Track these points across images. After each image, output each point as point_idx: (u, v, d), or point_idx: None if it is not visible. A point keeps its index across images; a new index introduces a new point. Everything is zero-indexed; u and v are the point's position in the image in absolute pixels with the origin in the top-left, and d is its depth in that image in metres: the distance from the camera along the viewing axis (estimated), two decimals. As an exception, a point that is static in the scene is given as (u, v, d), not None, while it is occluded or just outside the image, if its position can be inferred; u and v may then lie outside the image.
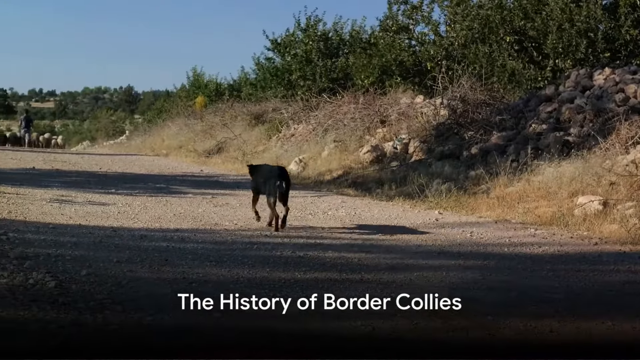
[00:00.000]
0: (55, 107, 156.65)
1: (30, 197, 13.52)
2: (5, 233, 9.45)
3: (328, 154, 21.02)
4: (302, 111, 26.40)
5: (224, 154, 27.24)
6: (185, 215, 12.15)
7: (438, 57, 23.05)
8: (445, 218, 12.48)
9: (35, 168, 20.83)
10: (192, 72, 45.13)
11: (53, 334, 5.48)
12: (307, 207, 13.55)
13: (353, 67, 26.80)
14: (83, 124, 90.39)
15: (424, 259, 9.10)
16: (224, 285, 7.41)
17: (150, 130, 42.51)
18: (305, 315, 6.39)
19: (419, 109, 21.18)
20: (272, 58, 33.09)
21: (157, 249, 9.21)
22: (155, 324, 5.95)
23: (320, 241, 10.12)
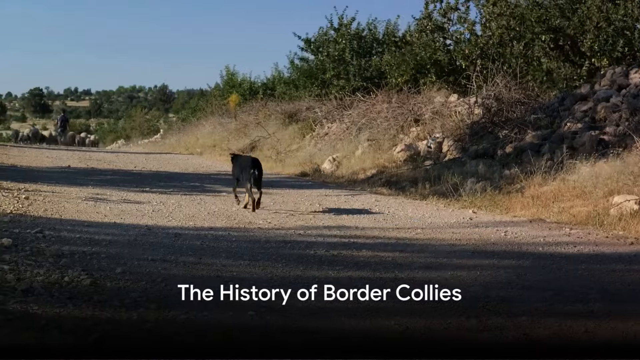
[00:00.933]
0: (91, 106, 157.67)
1: (66, 195, 13.61)
2: (42, 231, 9.52)
3: (362, 152, 20.99)
4: (335, 110, 26.40)
5: (258, 153, 27.25)
6: (219, 214, 12.18)
7: (473, 55, 22.93)
8: (479, 217, 12.42)
9: (71, 166, 20.98)
10: (226, 71, 45.23)
11: (88, 331, 5.51)
12: (341, 206, 13.54)
13: (387, 66, 26.72)
14: (118, 123, 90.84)
15: (458, 258, 9.06)
16: (258, 284, 7.42)
17: (184, 129, 42.71)
18: (338, 313, 6.39)
19: (453, 107, 21.12)
20: (306, 57, 33.11)
21: (191, 247, 9.24)
22: (189, 322, 5.97)
23: (353, 240, 10.10)
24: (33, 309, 5.93)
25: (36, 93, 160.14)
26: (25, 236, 9.15)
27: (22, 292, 6.40)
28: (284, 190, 15.98)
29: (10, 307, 5.86)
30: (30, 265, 7.53)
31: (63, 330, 5.47)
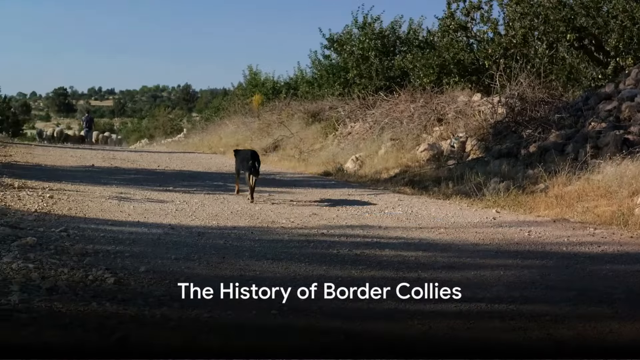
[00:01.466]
0: (114, 105, 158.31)
1: (89, 194, 13.67)
2: (66, 230, 9.57)
3: (385, 152, 20.97)
4: (358, 109, 26.38)
5: (281, 152, 27.31)
6: (242, 213, 12.20)
7: (496, 55, 22.85)
8: (503, 217, 12.38)
9: (95, 166, 21.07)
10: (249, 71, 45.28)
11: (112, 329, 5.53)
12: (364, 206, 13.53)
13: (410, 66, 26.69)
14: (141, 122, 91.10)
15: (481, 258, 9.04)
16: (281, 283, 7.43)
17: (207, 129, 42.79)
18: (360, 313, 6.39)
19: (477, 107, 21.05)
20: (329, 55, 33.11)
21: (214, 246, 9.26)
22: (213, 321, 5.98)
23: (377, 239, 10.09)
24: (57, 307, 5.96)
25: (60, 92, 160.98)
26: (50, 235, 9.20)
27: (46, 291, 6.43)
28: (307, 190, 15.99)
29: (35, 305, 5.90)
30: (54, 264, 7.57)
31: (87, 328, 5.50)
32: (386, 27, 30.56)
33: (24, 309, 5.76)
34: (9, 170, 17.07)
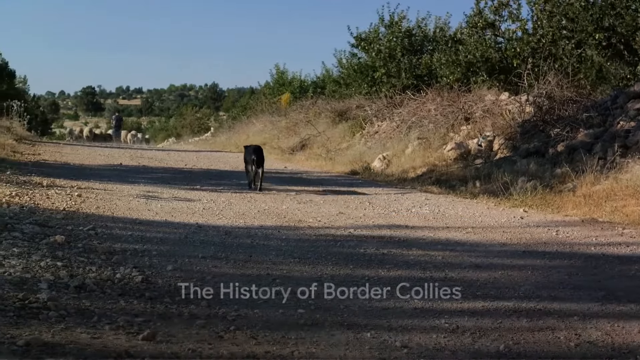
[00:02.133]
0: (142, 104, 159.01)
1: (117, 192, 13.74)
2: (94, 228, 9.62)
3: (412, 151, 20.95)
4: (385, 108, 26.36)
5: (308, 151, 27.33)
6: (269, 212, 12.22)
7: (524, 53, 22.76)
8: (530, 216, 12.33)
9: (123, 164, 21.17)
10: (276, 69, 45.35)
11: (140, 327, 5.56)
12: (391, 205, 13.53)
13: (438, 64, 26.64)
14: (169, 121, 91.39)
15: (508, 258, 9.01)
16: (307, 282, 7.45)
17: (234, 127, 42.87)
18: (387, 312, 6.39)
19: (504, 106, 20.98)
20: (356, 54, 33.09)
21: (241, 245, 9.28)
22: (240, 319, 6.00)
23: (403, 239, 10.08)
24: (85, 305, 6.00)
25: (89, 91, 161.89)
26: (78, 233, 9.26)
27: (74, 289, 6.47)
28: (333, 189, 15.98)
29: (63, 303, 5.94)
30: (82, 262, 7.61)
31: (115, 326, 5.53)
32: (413, 25, 30.53)
33: (52, 307, 5.80)
34: (38, 169, 17.18)
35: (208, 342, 5.35)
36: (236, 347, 5.29)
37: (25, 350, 4.81)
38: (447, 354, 5.40)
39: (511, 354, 5.46)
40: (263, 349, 5.30)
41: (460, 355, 5.40)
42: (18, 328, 5.23)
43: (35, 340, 4.95)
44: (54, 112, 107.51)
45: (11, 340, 4.96)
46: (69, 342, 5.05)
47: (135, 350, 5.01)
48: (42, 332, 5.20)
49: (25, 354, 4.75)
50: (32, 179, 14.50)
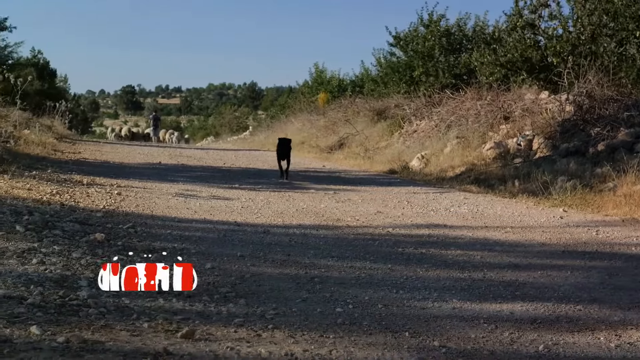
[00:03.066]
0: (181, 103, 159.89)
1: (156, 191, 13.81)
2: (134, 226, 9.68)
3: (450, 150, 20.88)
4: (424, 107, 26.30)
5: (346, 150, 27.33)
6: (307, 211, 12.23)
7: (564, 52, 22.59)
8: (570, 216, 12.25)
9: (162, 163, 21.28)
10: (315, 68, 45.41)
11: (178, 325, 5.59)
12: (429, 204, 13.49)
13: (477, 63, 26.54)
14: (207, 120, 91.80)
15: (548, 258, 8.96)
16: (346, 281, 7.45)
17: (273, 126, 43.00)
18: (424, 311, 6.38)
19: (544, 105, 20.84)
20: (394, 53, 33.04)
21: (279, 244, 9.30)
22: (278, 318, 6.01)
23: (442, 238, 10.06)
24: (125, 302, 6.03)
25: (128, 90, 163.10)
26: (118, 231, 9.32)
27: (114, 286, 6.52)
28: (372, 188, 15.98)
29: (103, 301, 5.97)
30: (122, 260, 7.65)
31: (154, 324, 5.56)
32: (452, 24, 30.42)
33: (92, 304, 5.84)
34: (78, 167, 17.33)
35: (246, 341, 5.37)
36: (274, 346, 5.30)
37: (65, 347, 4.85)
38: (485, 354, 5.38)
39: (550, 355, 5.43)
40: (301, 347, 5.30)
41: (499, 356, 5.37)
42: (58, 325, 5.28)
43: (75, 337, 4.99)
44: (94, 110, 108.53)
45: (51, 337, 5.00)
46: (108, 340, 5.09)
47: (174, 348, 5.04)
48: (82, 329, 5.24)
49: (65, 350, 4.79)
50: (72, 177, 14.62)
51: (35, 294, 5.89)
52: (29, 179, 13.15)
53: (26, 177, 13.25)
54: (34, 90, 41.27)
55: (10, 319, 5.28)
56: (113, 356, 4.77)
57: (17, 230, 8.40)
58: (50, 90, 46.77)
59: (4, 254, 7.15)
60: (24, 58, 43.64)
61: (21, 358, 4.56)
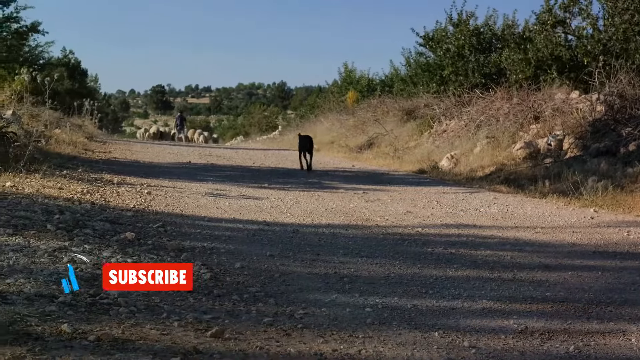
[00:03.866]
0: (211, 103, 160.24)
1: (186, 190, 13.86)
2: (164, 226, 9.72)
3: (480, 150, 20.81)
4: (454, 107, 26.21)
5: (375, 150, 27.30)
6: (336, 211, 12.23)
7: (595, 51, 22.44)
8: (601, 216, 12.17)
9: (191, 162, 21.36)
10: (344, 68, 45.40)
11: (208, 324, 5.61)
12: (459, 204, 13.45)
13: (507, 62, 26.42)
14: (237, 119, 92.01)
15: (578, 258, 8.90)
16: (375, 281, 7.45)
17: (302, 126, 42.98)
18: (455, 312, 6.36)
19: (574, 104, 20.71)
20: (424, 53, 32.94)
21: (308, 243, 9.30)
22: (307, 318, 6.02)
23: (471, 238, 10.03)
24: (155, 301, 6.06)
25: (158, 90, 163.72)
26: (148, 230, 9.37)
27: (144, 285, 6.55)
28: (401, 188, 15.95)
29: (133, 299, 6.00)
30: (152, 259, 7.70)
31: (183, 323, 5.58)
32: (481, 23, 30.29)
33: (122, 303, 5.87)
34: (109, 167, 17.44)
35: (275, 340, 5.38)
36: (303, 345, 5.31)
37: (96, 345, 4.88)
38: (515, 355, 5.36)
39: (581, 356, 5.40)
40: (330, 347, 5.30)
41: (529, 357, 5.35)
42: (89, 323, 5.31)
43: (106, 335, 5.02)
44: (124, 110, 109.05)
45: (82, 335, 5.03)
46: (138, 338, 5.12)
47: (203, 347, 5.06)
48: (113, 327, 5.27)
49: (96, 349, 4.82)
50: (103, 177, 14.72)
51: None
52: (60, 178, 13.24)
53: (57, 176, 13.34)
54: (65, 89, 41.55)
55: (41, 317, 5.33)
56: (143, 355, 4.80)
57: (48, 229, 8.46)
58: (80, 89, 47.06)
59: (35, 253, 7.20)
60: (55, 58, 43.88)
61: (53, 356, 4.59)
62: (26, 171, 12.83)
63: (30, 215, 9.12)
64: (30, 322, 5.18)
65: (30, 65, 28.19)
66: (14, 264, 6.68)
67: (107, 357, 4.69)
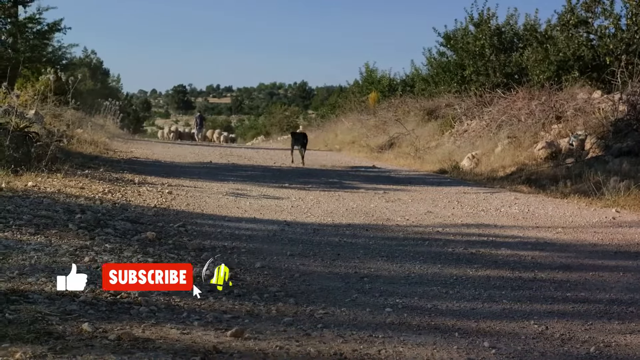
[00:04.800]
0: (232, 103, 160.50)
1: (207, 190, 13.89)
2: (184, 225, 9.75)
3: (501, 150, 20.74)
4: (475, 107, 26.13)
5: (396, 150, 27.27)
6: (357, 210, 12.23)
7: (618, 51, 22.33)
8: (623, 217, 12.11)
9: (213, 162, 21.39)
10: (365, 68, 45.36)
11: (228, 323, 5.62)
12: (480, 204, 13.42)
13: (528, 62, 26.33)
14: (258, 119, 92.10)
15: (599, 259, 8.87)
16: (395, 281, 7.44)
17: (323, 126, 43.04)
18: (475, 312, 6.35)
19: (596, 104, 20.62)
20: (445, 53, 32.86)
21: (329, 243, 9.31)
22: (327, 317, 6.02)
23: (492, 238, 10.00)
24: (175, 301, 6.08)
25: (179, 90, 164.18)
26: (169, 230, 9.39)
27: (165, 285, 6.57)
28: (422, 187, 15.93)
29: (153, 299, 6.02)
30: (172, 258, 7.72)
31: (204, 322, 5.60)
32: (502, 22, 30.17)
33: (143, 302, 5.89)
34: (130, 166, 17.49)
35: (295, 340, 5.38)
36: (323, 345, 5.31)
37: (117, 344, 4.90)
38: (536, 356, 5.35)
39: (602, 357, 5.39)
40: (350, 347, 5.31)
41: (550, 357, 5.33)
42: (110, 322, 5.33)
43: (126, 334, 5.04)
44: (146, 110, 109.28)
45: (103, 334, 5.06)
46: (158, 337, 5.13)
47: (223, 346, 5.07)
48: (133, 327, 5.29)
49: (117, 348, 4.84)
50: (124, 176, 14.77)
51: (87, 292, 5.95)
52: (82, 177, 13.29)
53: (79, 175, 13.39)
54: (87, 89, 41.73)
55: (62, 315, 5.35)
56: (163, 354, 4.81)
57: (70, 228, 8.50)
58: (103, 89, 47.29)
59: (57, 252, 7.24)
60: (77, 58, 44.11)
61: (73, 355, 4.61)
62: (48, 171, 12.88)
63: (52, 215, 9.17)
64: (52, 321, 5.20)
65: (53, 66, 28.32)
66: (35, 263, 6.71)
67: (128, 356, 4.71)
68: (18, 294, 5.75)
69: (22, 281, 6.11)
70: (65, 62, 35.98)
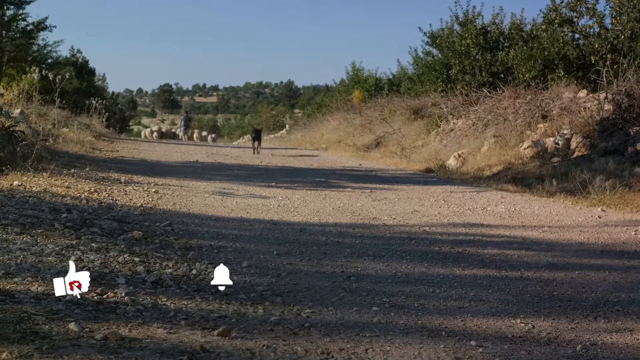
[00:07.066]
0: (218, 102, 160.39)
1: (194, 189, 13.88)
2: (171, 224, 9.74)
3: (487, 149, 20.78)
4: (461, 106, 26.17)
5: (383, 149, 27.30)
6: (343, 210, 12.23)
7: (603, 50, 22.40)
8: (609, 215, 12.15)
9: (199, 161, 21.38)
10: (352, 67, 45.39)
11: (215, 323, 5.61)
12: (466, 203, 13.44)
13: (514, 61, 26.39)
14: (244, 118, 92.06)
15: (585, 257, 8.89)
16: (382, 280, 7.45)
17: (309, 125, 43.07)
18: (461, 311, 6.36)
19: (582, 103, 20.68)
20: (431, 52, 32.90)
21: (316, 242, 9.31)
22: (314, 317, 6.02)
23: (479, 237, 10.02)
24: (162, 300, 6.08)
25: (166, 89, 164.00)
26: (155, 229, 9.38)
27: (151, 284, 6.57)
28: (408, 187, 15.95)
29: (140, 298, 6.02)
30: (159, 258, 7.71)
31: (191, 322, 5.59)
32: (488, 21, 30.21)
33: (129, 302, 5.88)
34: (116, 166, 17.47)
35: (282, 339, 5.38)
36: (310, 344, 5.31)
37: (103, 344, 4.89)
38: (522, 354, 5.35)
39: (588, 355, 5.40)
40: (337, 346, 5.31)
41: (536, 356, 5.34)
42: (96, 322, 5.32)
43: (113, 334, 5.03)
44: (132, 109, 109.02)
45: (90, 334, 5.04)
46: (145, 337, 5.13)
47: (210, 345, 5.06)
48: (120, 326, 5.28)
49: (104, 347, 4.83)
50: (110, 175, 14.75)
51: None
52: (68, 176, 13.26)
53: (65, 174, 13.37)
54: (73, 88, 41.59)
55: (49, 315, 5.34)
56: (150, 353, 4.80)
57: (56, 227, 8.49)
58: (88, 88, 47.15)
59: (43, 251, 7.22)
60: (63, 57, 43.95)
61: (60, 355, 4.60)
62: (34, 170, 12.86)
63: (38, 214, 9.15)
64: (38, 321, 5.19)
65: (39, 65, 28.25)
66: (21, 263, 6.70)
67: (115, 356, 4.69)
68: (4, 293, 5.73)
69: (8, 281, 6.10)
70: (51, 61, 35.89)
